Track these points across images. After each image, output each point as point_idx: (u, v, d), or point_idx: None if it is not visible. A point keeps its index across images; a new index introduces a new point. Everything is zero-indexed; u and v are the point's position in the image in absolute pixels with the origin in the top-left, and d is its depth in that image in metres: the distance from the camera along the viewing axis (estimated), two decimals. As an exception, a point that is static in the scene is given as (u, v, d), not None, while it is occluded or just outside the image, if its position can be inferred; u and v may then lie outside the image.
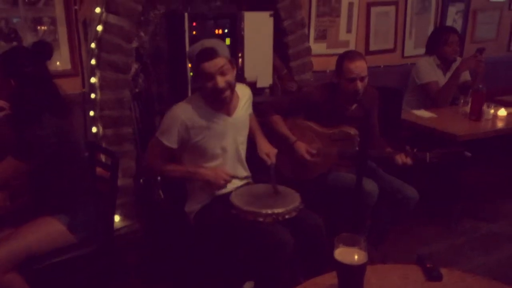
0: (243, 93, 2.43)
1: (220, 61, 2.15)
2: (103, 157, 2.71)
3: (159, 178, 2.84)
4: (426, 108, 3.65)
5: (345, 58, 2.63)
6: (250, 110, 2.48)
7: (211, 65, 2.14)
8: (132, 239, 2.83)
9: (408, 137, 3.35)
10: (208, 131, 2.26)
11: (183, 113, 2.24)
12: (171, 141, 2.24)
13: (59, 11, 2.76)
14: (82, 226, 2.18)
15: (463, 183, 3.52)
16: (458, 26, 4.62)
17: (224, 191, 2.32)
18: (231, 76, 2.20)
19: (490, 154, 3.66)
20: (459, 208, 3.47)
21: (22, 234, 2.04)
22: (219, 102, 2.24)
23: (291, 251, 2.07)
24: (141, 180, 2.96)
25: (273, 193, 2.28)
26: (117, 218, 2.86)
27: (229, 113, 2.32)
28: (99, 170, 2.46)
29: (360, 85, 2.60)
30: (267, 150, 2.44)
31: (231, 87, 2.21)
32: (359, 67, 2.59)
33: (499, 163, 4.11)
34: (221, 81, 2.15)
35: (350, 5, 3.92)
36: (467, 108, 3.49)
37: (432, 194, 3.25)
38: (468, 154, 2.50)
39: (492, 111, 3.42)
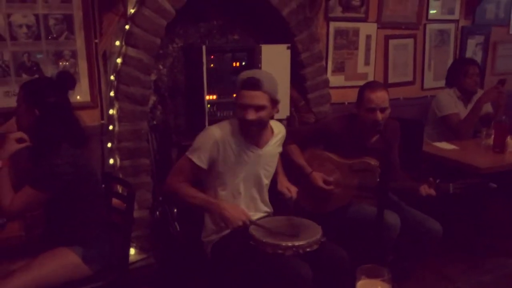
0: (278, 130, 2.42)
1: (260, 95, 2.12)
2: (119, 188, 2.69)
3: (175, 210, 2.80)
4: (448, 140, 3.58)
5: (366, 87, 2.62)
6: (280, 148, 2.46)
7: (248, 95, 2.12)
8: (147, 272, 2.79)
9: (430, 170, 3.27)
10: (235, 158, 2.23)
11: (218, 133, 2.22)
12: (202, 160, 2.20)
13: (79, 45, 2.81)
14: (97, 258, 2.15)
15: (489, 217, 3.41)
16: (478, 58, 4.58)
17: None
18: (265, 113, 2.17)
19: (516, 187, 3.55)
20: (485, 243, 3.35)
21: (36, 266, 2.02)
22: (246, 132, 2.22)
23: (310, 286, 1.99)
24: (157, 212, 2.92)
25: (293, 225, 2.22)
26: (132, 250, 2.82)
27: (259, 145, 2.30)
28: (115, 201, 2.44)
29: (380, 116, 2.56)
30: (288, 185, 2.42)
31: (261, 124, 2.19)
32: (380, 97, 2.56)
33: (526, 196, 3.97)
34: (252, 115, 2.13)
35: (368, 37, 3.92)
36: (490, 140, 3.40)
37: (457, 228, 3.14)
38: (494, 185, 2.43)
39: (516, 143, 3.33)
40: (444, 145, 3.47)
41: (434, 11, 4.30)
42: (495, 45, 4.80)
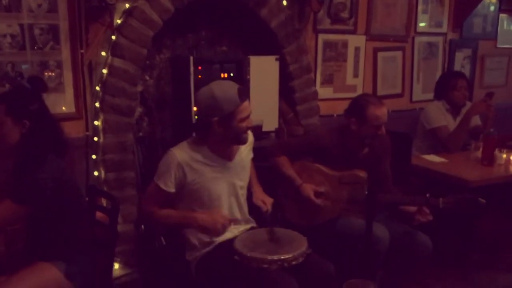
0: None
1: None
2: (104, 202, 2.63)
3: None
4: (437, 153, 3.58)
5: (369, 104, 2.57)
6: (251, 155, 2.45)
7: (248, 105, 2.19)
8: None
9: (419, 183, 3.25)
10: (205, 175, 2.21)
11: (180, 155, 2.19)
12: (168, 185, 2.18)
13: (65, 55, 2.77)
14: (80, 273, 2.09)
15: (478, 231, 3.40)
16: (466, 71, 4.60)
17: (226, 236, 2.23)
18: None
19: (504, 200, 3.54)
20: (474, 258, 3.34)
21: (17, 282, 1.95)
22: (236, 144, 2.26)
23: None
24: (142, 227, 2.87)
25: (278, 237, 2.17)
26: (116, 265, 2.77)
27: (230, 157, 2.28)
28: (99, 215, 2.39)
29: (383, 130, 2.59)
30: (263, 197, 2.40)
31: None
32: (385, 113, 2.59)
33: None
34: (251, 121, 2.23)
35: (357, 49, 3.93)
36: (479, 153, 3.41)
37: (446, 243, 3.12)
38: (483, 201, 2.41)
39: (504, 155, 3.33)
40: (433, 158, 3.47)
41: (423, 24, 4.33)
42: (483, 58, 4.84)
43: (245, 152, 2.37)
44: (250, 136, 2.42)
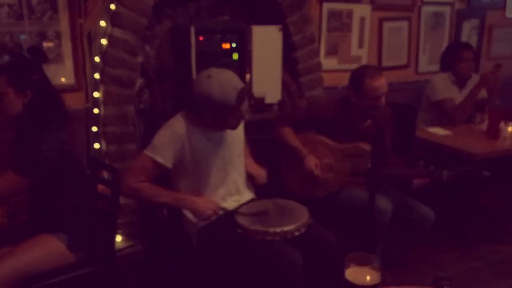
0: None
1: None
2: (105, 174, 2.63)
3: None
4: (442, 125, 3.54)
5: (365, 76, 2.55)
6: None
7: (244, 107, 2.16)
8: (134, 260, 2.75)
9: (422, 156, 3.23)
10: (203, 147, 2.19)
11: (180, 128, 2.15)
12: (166, 159, 2.12)
13: (64, 25, 2.72)
14: (82, 245, 2.10)
15: (481, 204, 3.39)
16: (473, 42, 4.52)
17: (227, 208, 2.23)
18: None
19: (509, 174, 3.52)
20: (476, 230, 3.34)
21: (20, 253, 1.96)
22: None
23: (300, 272, 1.98)
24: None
25: (279, 208, 2.18)
26: (119, 237, 2.78)
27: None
28: (101, 187, 2.37)
29: (383, 101, 2.56)
30: (255, 169, 2.40)
31: None
32: (383, 84, 2.55)
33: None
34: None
35: (362, 19, 3.85)
36: (484, 126, 3.37)
37: (449, 215, 3.12)
38: (487, 173, 2.39)
39: (510, 128, 3.30)
40: (438, 131, 3.44)
41: (430, -7, 4.23)
42: (490, 29, 4.74)
43: None
44: None
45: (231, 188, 2.31)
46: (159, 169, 2.14)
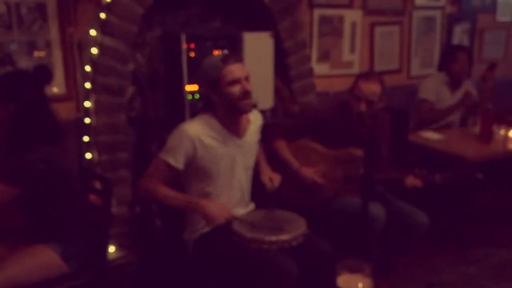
0: (255, 118, 2.37)
1: (245, 68, 2.14)
2: (97, 184, 2.61)
3: (153, 206, 2.74)
4: (434, 128, 3.54)
5: (362, 76, 2.62)
6: (259, 136, 2.42)
7: (238, 68, 2.11)
8: (127, 270, 2.73)
9: (415, 161, 3.24)
10: (215, 150, 2.17)
11: (192, 130, 2.15)
12: (177, 161, 2.13)
13: (54, 34, 2.71)
14: (75, 256, 2.10)
15: (475, 207, 3.39)
16: (465, 45, 4.54)
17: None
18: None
19: (503, 177, 3.53)
20: (470, 233, 3.33)
21: (12, 264, 1.97)
22: (238, 114, 2.18)
23: (294, 282, 1.96)
24: (138, 208, 2.85)
25: (276, 219, 2.17)
26: (111, 248, 2.75)
27: (239, 135, 2.25)
28: (93, 197, 2.37)
29: (363, 107, 2.53)
30: (271, 174, 2.37)
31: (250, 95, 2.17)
32: (370, 89, 2.54)
33: (512, 186, 3.97)
34: (248, 85, 2.11)
35: (353, 25, 3.86)
36: (476, 129, 3.38)
37: (443, 219, 3.12)
38: (480, 176, 2.39)
39: (502, 131, 3.31)
40: (430, 135, 3.44)
41: (420, -2, 4.24)
42: (481, 32, 4.77)
43: (254, 133, 2.34)
44: (259, 117, 2.41)
45: (236, 197, 2.30)
46: (171, 171, 2.16)
